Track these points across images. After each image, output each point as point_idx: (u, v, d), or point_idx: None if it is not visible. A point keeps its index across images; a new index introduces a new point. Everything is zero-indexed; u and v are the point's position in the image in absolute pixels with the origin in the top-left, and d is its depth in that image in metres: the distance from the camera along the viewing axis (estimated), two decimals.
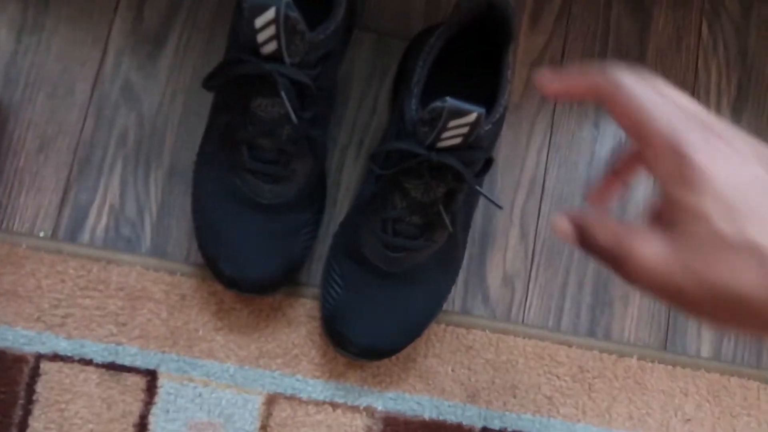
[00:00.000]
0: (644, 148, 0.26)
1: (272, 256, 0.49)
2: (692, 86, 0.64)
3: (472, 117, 0.42)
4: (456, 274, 0.54)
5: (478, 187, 0.47)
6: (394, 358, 0.54)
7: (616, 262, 0.26)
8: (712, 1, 0.66)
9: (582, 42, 0.63)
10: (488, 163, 0.48)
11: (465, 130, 0.43)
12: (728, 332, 0.25)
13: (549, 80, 0.29)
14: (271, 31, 0.42)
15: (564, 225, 0.28)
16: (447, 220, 0.48)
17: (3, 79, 0.56)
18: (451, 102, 0.41)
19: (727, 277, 0.23)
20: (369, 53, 0.60)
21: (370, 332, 0.49)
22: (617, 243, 0.26)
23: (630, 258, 0.25)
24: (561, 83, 0.29)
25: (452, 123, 0.42)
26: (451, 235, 0.50)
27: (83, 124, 0.56)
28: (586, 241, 0.27)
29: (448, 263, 0.52)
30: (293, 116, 0.45)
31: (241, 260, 0.49)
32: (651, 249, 0.25)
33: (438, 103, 0.42)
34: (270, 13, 0.41)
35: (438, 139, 0.44)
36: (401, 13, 0.61)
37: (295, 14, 0.42)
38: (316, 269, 0.56)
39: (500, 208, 0.49)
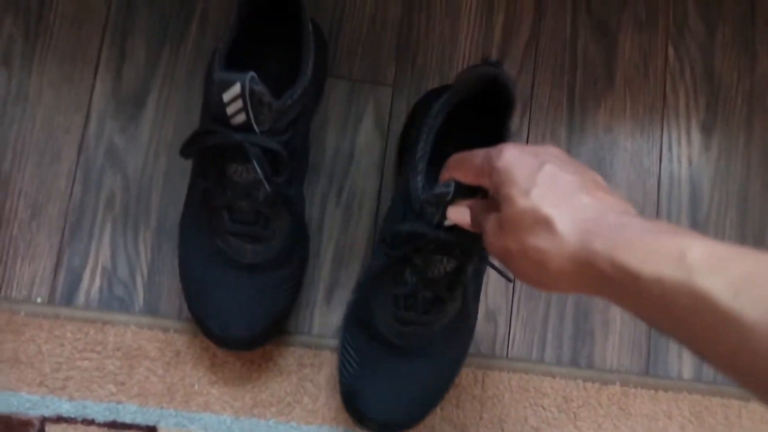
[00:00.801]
0: (488, 184, 0.38)
1: (257, 314, 0.51)
2: (661, 110, 0.65)
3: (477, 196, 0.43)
4: (468, 343, 0.54)
5: (490, 262, 0.48)
6: None
7: (480, 231, 0.39)
8: (678, 23, 0.67)
9: (551, 73, 0.65)
10: None
11: None
12: (548, 292, 0.40)
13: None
14: (238, 104, 0.44)
15: (462, 212, 0.42)
16: (456, 294, 0.49)
17: None
18: (455, 186, 0.42)
19: (532, 239, 0.33)
20: (343, 100, 0.62)
21: (388, 409, 0.51)
22: (481, 221, 0.39)
23: (483, 230, 0.38)
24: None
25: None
26: (462, 306, 0.52)
27: (71, 190, 0.58)
28: (473, 223, 0.41)
29: (460, 333, 0.53)
30: (266, 184, 0.46)
31: (228, 319, 0.51)
32: (490, 224, 0.37)
33: (443, 188, 0.43)
34: (236, 89, 0.43)
35: (445, 218, 0.44)
36: (372, 58, 0.63)
37: (259, 87, 0.43)
38: (302, 317, 0.58)
39: (510, 281, 0.52)
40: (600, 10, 0.66)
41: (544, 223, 0.32)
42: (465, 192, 0.42)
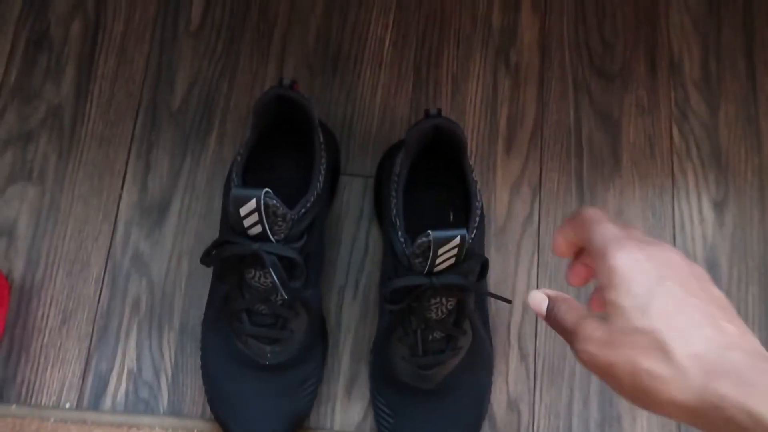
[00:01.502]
0: (592, 262, 0.34)
1: (279, 414, 0.52)
2: (671, 190, 0.66)
3: (457, 240, 0.45)
4: (490, 367, 0.57)
5: (488, 291, 0.52)
6: None
7: (568, 336, 0.34)
8: (680, 105, 0.69)
9: (557, 161, 0.66)
10: (485, 265, 0.52)
11: (454, 251, 0.47)
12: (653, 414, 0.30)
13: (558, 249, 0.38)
14: (254, 217, 0.47)
15: (540, 299, 0.37)
16: (465, 327, 0.53)
17: (25, 261, 0.62)
18: (434, 234, 0.45)
19: (646, 362, 0.30)
20: (357, 196, 0.64)
21: None
22: (572, 322, 0.34)
23: (577, 336, 0.33)
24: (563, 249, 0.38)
25: (441, 250, 0.46)
26: (474, 335, 0.54)
27: (100, 296, 0.61)
28: (551, 315, 0.36)
29: (479, 361, 0.56)
30: (282, 291, 0.48)
31: (249, 421, 0.52)
32: (592, 331, 0.32)
33: (423, 239, 0.45)
34: (252, 204, 0.46)
35: (433, 265, 0.48)
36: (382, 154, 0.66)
37: (273, 202, 0.46)
38: (324, 412, 0.58)
39: (509, 302, 0.53)
40: (601, 98, 0.69)
41: (661, 350, 0.30)
42: (443, 242, 0.45)
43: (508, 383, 0.60)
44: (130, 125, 0.66)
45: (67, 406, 0.58)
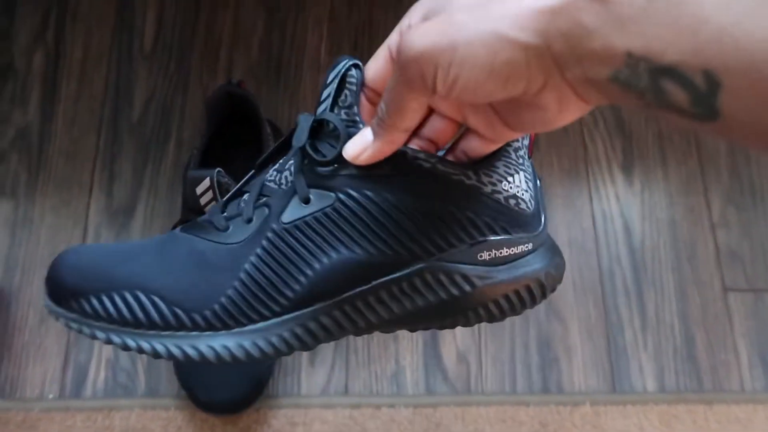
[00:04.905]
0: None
1: (239, 379, 0.57)
2: (584, 158, 0.75)
3: None
4: None
5: None
6: None
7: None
8: None
9: None
10: None
11: None
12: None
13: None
14: (209, 195, 0.53)
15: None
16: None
17: (3, 269, 0.66)
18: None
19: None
20: None
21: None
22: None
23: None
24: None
25: None
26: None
27: None
28: None
29: None
30: None
31: (213, 387, 0.57)
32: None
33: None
34: (206, 182, 0.52)
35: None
36: None
37: (225, 179, 0.52)
38: (290, 381, 0.63)
39: None
40: None
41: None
42: None
43: (456, 338, 0.66)
44: (94, 140, 0.72)
45: (50, 396, 0.62)
